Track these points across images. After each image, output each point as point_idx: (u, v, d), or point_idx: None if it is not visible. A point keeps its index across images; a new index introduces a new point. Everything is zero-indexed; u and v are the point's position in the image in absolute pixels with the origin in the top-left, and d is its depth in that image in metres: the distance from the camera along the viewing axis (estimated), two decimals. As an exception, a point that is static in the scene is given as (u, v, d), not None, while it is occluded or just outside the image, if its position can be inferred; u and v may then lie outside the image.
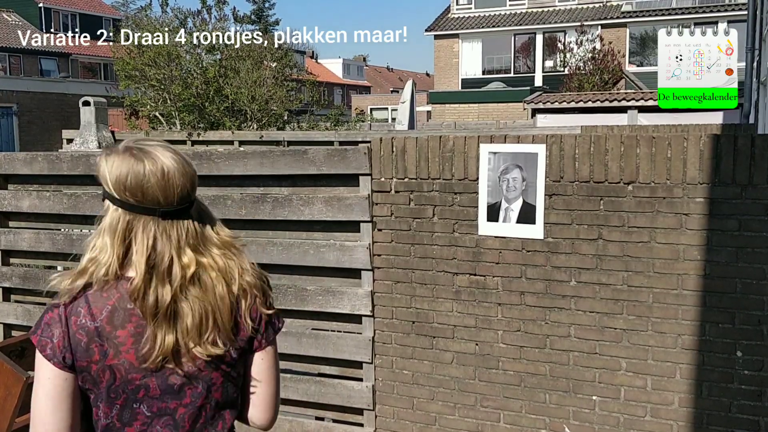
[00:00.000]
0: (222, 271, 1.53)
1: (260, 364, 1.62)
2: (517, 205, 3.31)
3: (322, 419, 3.97)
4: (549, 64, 29.54)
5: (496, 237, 3.38)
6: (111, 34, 17.91)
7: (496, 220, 3.34)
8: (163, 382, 1.52)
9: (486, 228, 3.39)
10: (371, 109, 40.36)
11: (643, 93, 19.56)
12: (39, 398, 1.50)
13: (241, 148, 9.13)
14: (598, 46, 25.85)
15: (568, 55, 26.65)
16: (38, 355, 1.50)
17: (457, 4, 30.94)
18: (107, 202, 1.53)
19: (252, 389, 1.63)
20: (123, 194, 1.49)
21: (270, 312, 1.61)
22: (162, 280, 1.47)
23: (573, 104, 19.45)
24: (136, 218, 1.50)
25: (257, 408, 1.64)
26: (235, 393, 1.62)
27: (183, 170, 1.51)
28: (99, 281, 1.49)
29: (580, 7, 28.86)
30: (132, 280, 1.48)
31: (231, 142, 10.75)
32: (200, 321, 1.49)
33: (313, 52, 61.65)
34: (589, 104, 18.96)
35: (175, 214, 1.51)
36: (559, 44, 28.66)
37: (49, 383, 1.50)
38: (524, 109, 21.52)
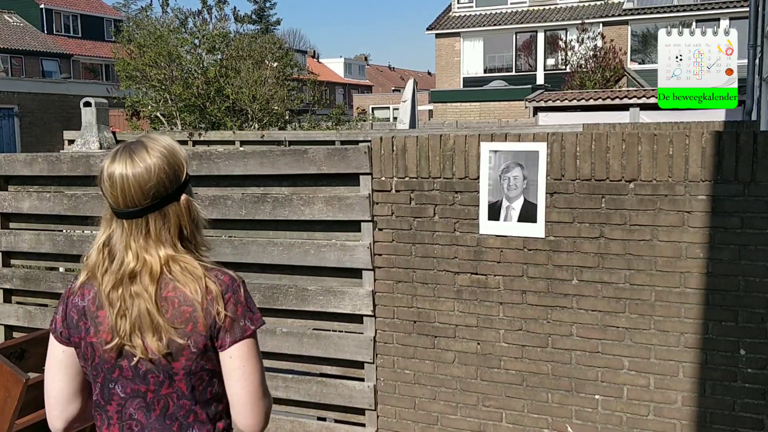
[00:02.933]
0: (167, 273, 1.58)
1: (228, 363, 1.61)
2: (518, 204, 3.30)
3: (324, 419, 3.96)
4: (550, 62, 29.51)
5: (497, 236, 3.36)
6: (112, 34, 17.91)
7: (497, 219, 3.33)
8: (134, 365, 1.60)
9: (487, 227, 3.37)
10: (373, 109, 40.36)
11: (645, 91, 19.53)
12: (46, 366, 1.70)
13: (242, 148, 9.13)
14: (599, 43, 25.83)
15: (569, 53, 26.61)
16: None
17: (458, 3, 30.92)
18: None
19: (228, 391, 1.63)
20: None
21: (231, 314, 1.59)
22: (110, 273, 1.59)
23: (575, 102, 19.43)
24: (111, 215, 1.62)
25: (235, 411, 1.63)
26: (209, 392, 1.63)
27: (134, 179, 1.57)
28: (92, 274, 1.64)
29: (581, 5, 28.83)
30: None
31: (232, 142, 10.73)
32: (137, 319, 1.57)
33: (314, 51, 61.73)
34: (591, 102, 18.93)
35: (129, 215, 1.59)
36: (560, 42, 28.62)
37: (51, 354, 1.69)
38: (526, 107, 21.49)
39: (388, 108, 39.93)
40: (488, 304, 3.42)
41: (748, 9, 9.93)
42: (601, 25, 27.58)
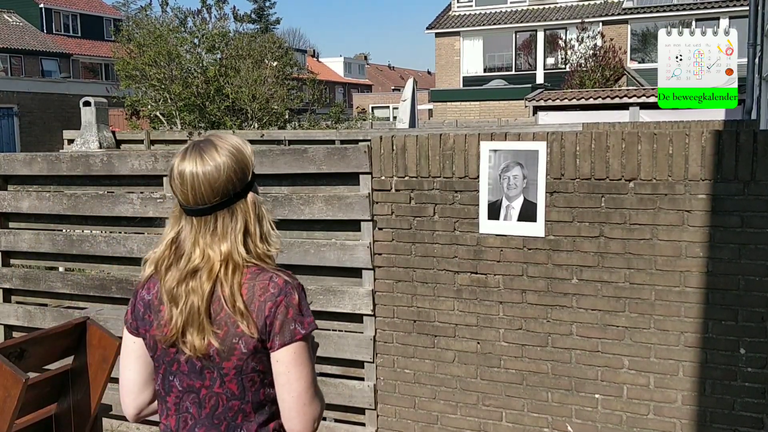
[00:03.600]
0: (228, 272, 1.60)
1: (275, 367, 1.61)
2: (518, 203, 3.29)
3: (324, 419, 3.96)
4: (550, 61, 29.50)
5: (497, 235, 3.36)
6: (112, 34, 17.90)
7: (497, 218, 3.33)
8: (188, 361, 1.63)
9: (487, 226, 3.37)
10: (372, 108, 40.35)
11: (644, 90, 19.53)
12: (120, 356, 1.80)
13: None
14: (599, 42, 25.84)
15: (569, 53, 26.61)
16: None
17: (458, 2, 30.91)
18: None
19: (276, 393, 1.63)
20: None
21: (278, 316, 1.60)
22: (175, 268, 1.63)
23: (574, 101, 19.43)
24: (180, 212, 1.66)
25: (283, 415, 1.64)
26: (261, 393, 1.65)
27: (204, 177, 1.60)
28: (156, 267, 1.68)
29: (580, 4, 28.83)
30: None
31: (232, 142, 10.69)
32: (191, 312, 1.59)
33: (314, 50, 61.72)
34: (591, 101, 18.93)
35: (198, 212, 1.62)
36: (560, 41, 28.63)
37: (124, 344, 1.77)
38: (526, 106, 21.50)
39: (388, 107, 39.94)
40: (488, 304, 3.42)
41: (747, 8, 9.93)
42: (600, 24, 27.58)
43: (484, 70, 30.40)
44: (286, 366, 1.60)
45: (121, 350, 1.78)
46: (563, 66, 27.68)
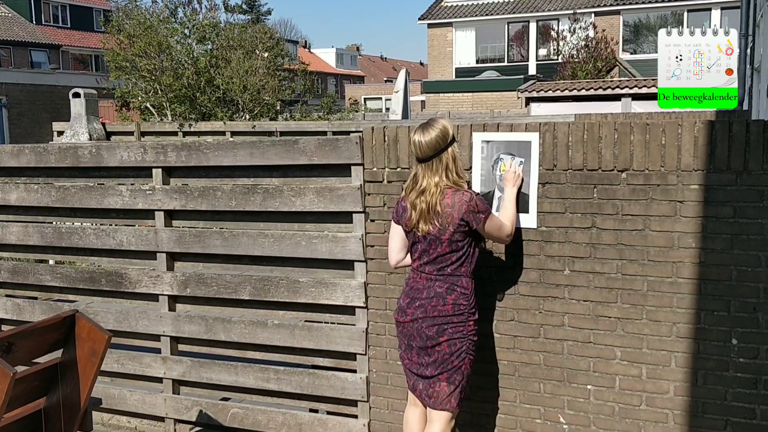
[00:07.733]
0: (437, 191, 3.01)
1: (481, 229, 3.03)
2: (510, 194, 3.27)
3: (316, 411, 3.95)
4: (543, 52, 29.48)
5: (489, 226, 3.34)
6: (102, 25, 17.76)
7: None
8: (423, 237, 3.05)
9: (479, 217, 3.34)
10: (365, 99, 40.25)
11: (636, 81, 19.55)
12: (390, 233, 3.27)
13: (232, 139, 9.05)
14: (591, 33, 25.80)
15: (561, 44, 26.59)
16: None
17: (450, -7, 30.80)
18: None
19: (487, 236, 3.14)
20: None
21: (470, 213, 2.98)
22: (414, 190, 3.05)
23: (567, 92, 19.46)
24: (415, 161, 3.10)
25: (494, 240, 3.17)
26: (461, 251, 3.03)
27: (425, 142, 3.00)
28: (406, 191, 3.14)
29: (573, -6, 28.77)
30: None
31: (223, 133, 10.65)
32: (421, 212, 3.01)
33: (305, 41, 61.47)
34: (583, 92, 18.96)
35: (424, 160, 3.03)
36: (552, 32, 28.59)
37: (391, 227, 3.23)
38: (518, 97, 21.50)
39: (381, 98, 39.85)
40: (480, 295, 3.40)
41: (739, -1, 9.93)
42: (593, 14, 27.55)
43: (477, 61, 30.35)
44: (484, 229, 3.03)
45: (390, 231, 3.25)
46: (556, 57, 27.66)
